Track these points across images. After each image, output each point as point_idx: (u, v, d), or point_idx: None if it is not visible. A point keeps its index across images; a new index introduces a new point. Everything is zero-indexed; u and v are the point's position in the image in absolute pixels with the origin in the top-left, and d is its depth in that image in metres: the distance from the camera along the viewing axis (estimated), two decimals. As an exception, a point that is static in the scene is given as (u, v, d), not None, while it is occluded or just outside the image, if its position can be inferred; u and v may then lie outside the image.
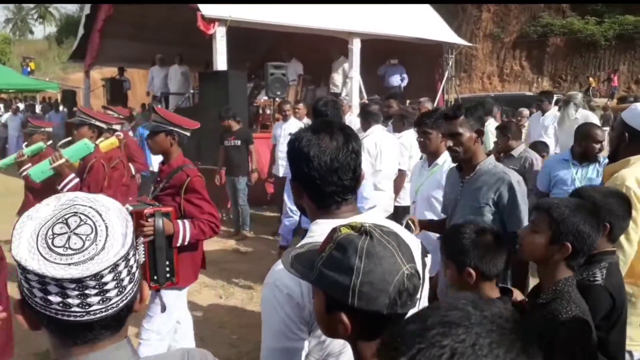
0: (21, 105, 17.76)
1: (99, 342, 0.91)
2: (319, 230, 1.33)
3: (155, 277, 2.87)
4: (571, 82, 24.96)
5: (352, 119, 7.55)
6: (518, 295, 1.97)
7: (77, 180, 3.84)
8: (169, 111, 7.99)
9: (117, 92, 12.53)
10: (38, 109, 17.45)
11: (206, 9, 8.10)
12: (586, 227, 1.67)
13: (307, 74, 10.80)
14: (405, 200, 5.01)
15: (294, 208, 4.21)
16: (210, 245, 6.63)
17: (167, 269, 2.90)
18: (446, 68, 11.94)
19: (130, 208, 2.87)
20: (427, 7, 12.68)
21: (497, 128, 4.97)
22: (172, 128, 3.07)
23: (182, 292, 3.19)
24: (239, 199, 6.89)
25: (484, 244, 1.81)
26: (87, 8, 12.95)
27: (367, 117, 4.73)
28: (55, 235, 0.86)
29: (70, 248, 0.85)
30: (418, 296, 1.01)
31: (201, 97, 8.58)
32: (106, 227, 0.88)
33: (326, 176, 1.32)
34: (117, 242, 0.88)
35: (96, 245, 0.86)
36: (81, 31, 13.39)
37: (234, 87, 7.85)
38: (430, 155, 3.35)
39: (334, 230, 1.04)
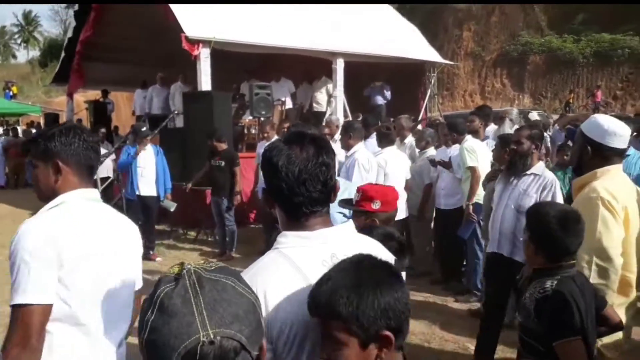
0: (0, 130, 17.54)
1: None
2: (286, 242, 1.33)
3: None
4: (551, 98, 25.46)
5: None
6: None
7: None
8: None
9: (100, 114, 12.48)
10: (20, 133, 17.26)
11: (190, 30, 8.14)
12: None
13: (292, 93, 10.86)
14: None
15: None
16: (196, 266, 6.56)
17: None
18: (429, 86, 12.10)
19: None
20: (409, 27, 12.90)
21: (499, 138, 5.03)
22: None
23: None
24: (225, 220, 6.84)
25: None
26: (69, 31, 12.96)
27: (351, 134, 4.89)
28: None
29: None
30: None
31: (186, 117, 8.56)
32: None
33: (294, 187, 1.31)
34: None
35: None
36: (62, 54, 13.37)
37: (219, 107, 7.86)
38: None
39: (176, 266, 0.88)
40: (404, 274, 1.47)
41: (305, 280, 1.25)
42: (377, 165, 5.02)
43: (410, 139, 6.49)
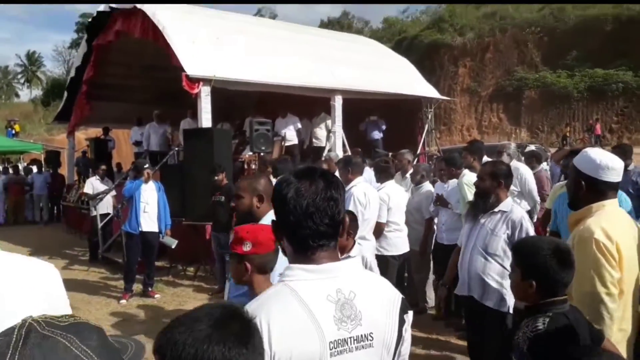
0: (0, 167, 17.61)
1: None
2: (291, 275, 1.33)
3: None
4: (548, 132, 25.74)
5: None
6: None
7: None
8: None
9: (101, 151, 12.57)
10: (22, 170, 17.32)
11: (191, 69, 8.30)
12: None
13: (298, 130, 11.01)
14: (387, 250, 5.18)
15: None
16: (194, 302, 6.48)
17: None
18: (426, 121, 12.27)
19: None
20: (406, 64, 13.18)
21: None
22: None
23: None
24: (224, 255, 6.81)
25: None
26: (72, 71, 13.23)
27: (350, 168, 4.95)
28: None
29: None
30: None
31: (187, 153, 8.63)
32: None
33: (301, 220, 1.32)
34: None
35: None
36: (65, 93, 13.61)
37: (219, 143, 7.93)
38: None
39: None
40: (410, 313, 1.46)
41: (309, 314, 1.26)
42: (380, 199, 5.02)
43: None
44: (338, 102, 10.21)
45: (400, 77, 12.07)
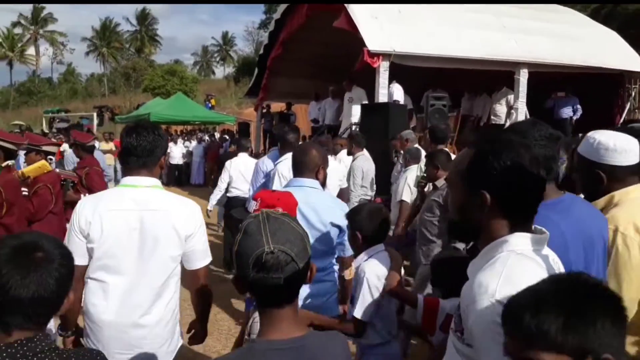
0: (200, 135, 20.14)
1: None
2: (519, 243, 1.25)
3: None
4: None
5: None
6: None
7: None
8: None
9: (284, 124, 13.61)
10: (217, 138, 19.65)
11: (372, 44, 8.49)
12: None
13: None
14: None
15: None
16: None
17: None
18: (628, 99, 10.74)
19: None
20: (607, 32, 11.61)
21: (426, 157, 4.61)
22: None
23: None
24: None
25: None
26: (261, 49, 14.49)
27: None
28: None
29: None
30: (281, 271, 1.14)
31: (362, 128, 8.90)
32: None
33: (532, 188, 1.28)
34: None
35: None
36: (256, 70, 14.98)
37: (395, 118, 8.03)
38: None
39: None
40: None
41: None
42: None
43: None
44: (523, 76, 9.48)
45: (599, 48, 10.66)
